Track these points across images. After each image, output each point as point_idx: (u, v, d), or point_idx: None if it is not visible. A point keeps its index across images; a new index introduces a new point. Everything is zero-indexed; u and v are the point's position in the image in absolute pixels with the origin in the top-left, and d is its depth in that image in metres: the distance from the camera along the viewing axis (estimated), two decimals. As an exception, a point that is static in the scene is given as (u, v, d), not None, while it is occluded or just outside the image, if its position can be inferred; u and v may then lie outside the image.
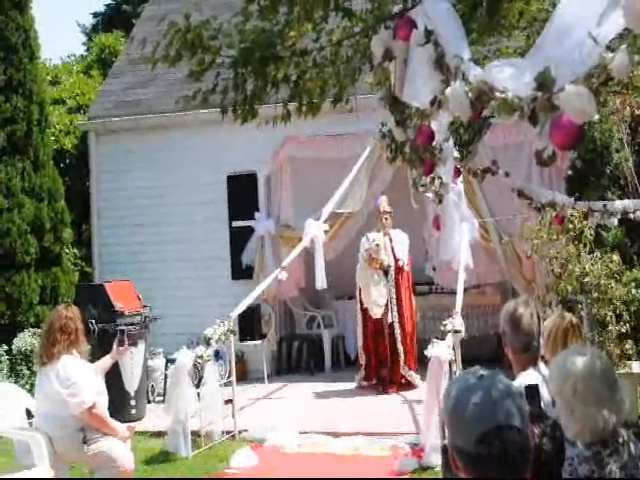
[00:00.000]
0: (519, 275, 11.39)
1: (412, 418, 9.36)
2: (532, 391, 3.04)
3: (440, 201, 6.46)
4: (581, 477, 3.06)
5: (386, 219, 11.19)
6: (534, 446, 2.35)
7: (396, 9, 3.61)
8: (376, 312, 10.86)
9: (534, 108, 2.28)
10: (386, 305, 10.91)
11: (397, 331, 10.95)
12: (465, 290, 9.86)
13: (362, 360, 11.21)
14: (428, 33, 3.15)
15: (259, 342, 12.40)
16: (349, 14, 4.01)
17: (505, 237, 11.27)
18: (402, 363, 10.89)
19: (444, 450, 2.38)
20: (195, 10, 4.77)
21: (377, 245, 10.80)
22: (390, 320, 10.93)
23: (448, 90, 2.73)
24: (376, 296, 10.86)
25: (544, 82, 2.22)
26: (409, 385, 10.87)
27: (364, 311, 11.06)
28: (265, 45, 3.90)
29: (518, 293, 10.91)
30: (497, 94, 2.45)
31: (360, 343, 11.23)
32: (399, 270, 11.09)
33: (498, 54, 5.75)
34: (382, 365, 11.03)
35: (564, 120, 2.14)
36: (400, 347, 10.90)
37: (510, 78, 2.42)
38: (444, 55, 3.00)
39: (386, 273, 11.02)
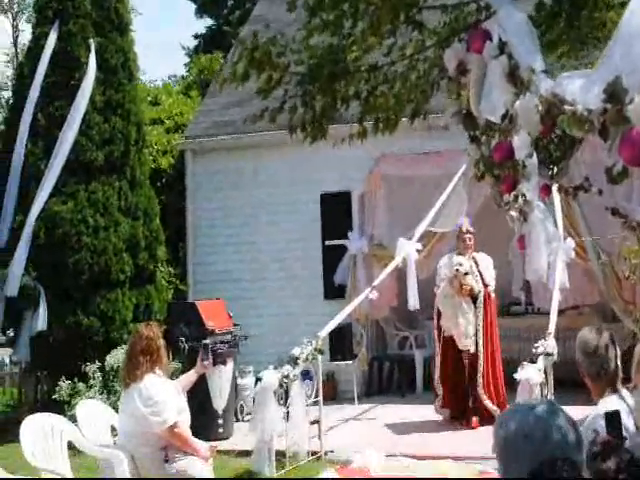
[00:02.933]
0: (618, 296, 10.99)
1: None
2: (613, 418, 2.84)
3: (525, 219, 6.23)
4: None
5: (469, 239, 10.33)
6: None
7: (471, 20, 3.47)
8: (466, 344, 9.97)
9: (604, 121, 2.12)
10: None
11: (481, 362, 10.00)
12: (562, 311, 9.57)
13: (439, 391, 10.31)
14: (502, 45, 3.01)
15: (350, 362, 12.28)
16: (420, 27, 3.88)
17: (603, 256, 10.90)
18: (484, 396, 9.94)
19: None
20: (288, 26, 4.70)
21: (457, 270, 9.93)
22: (474, 350, 9.99)
23: (517, 104, 2.59)
24: (465, 326, 9.96)
25: (614, 93, 2.06)
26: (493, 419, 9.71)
27: (444, 338, 10.16)
28: (333, 60, 3.80)
29: (617, 315, 10.55)
30: (566, 107, 2.30)
31: (437, 374, 10.33)
32: (488, 296, 10.21)
33: (571, 69, 5.54)
34: (460, 397, 10.12)
35: (634, 133, 1.98)
36: (480, 380, 9.94)
37: (580, 90, 2.27)
38: (518, 67, 2.86)
39: (474, 300, 10.09)
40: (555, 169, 6.05)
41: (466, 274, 9.97)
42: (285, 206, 13.49)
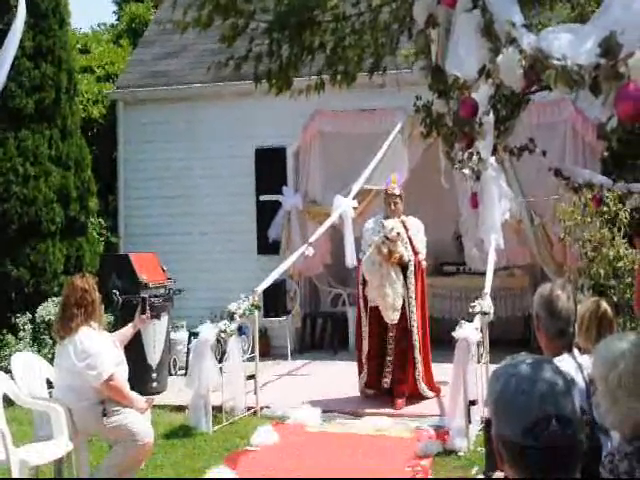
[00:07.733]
0: (549, 258, 11.16)
1: (437, 400, 9.21)
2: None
3: (478, 178, 6.25)
4: (621, 474, 2.90)
5: (395, 204, 9.28)
6: None
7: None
8: (393, 317, 8.98)
9: (596, 77, 2.10)
10: (402, 307, 9.02)
11: (416, 337, 9.09)
12: (494, 272, 9.64)
13: (364, 367, 9.31)
14: (475, -2, 2.96)
15: (283, 318, 12.29)
16: (392, -24, 3.81)
17: (537, 218, 11.04)
18: (420, 376, 9.15)
19: (487, 423, 2.30)
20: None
21: (398, 234, 8.94)
22: (406, 325, 9.05)
23: (499, 58, 2.55)
24: (393, 298, 8.94)
25: (609, 48, 2.04)
26: (420, 397, 9.22)
27: (370, 310, 9.19)
28: (302, 9, 3.70)
29: (548, 276, 10.71)
30: (554, 62, 2.27)
31: (361, 347, 9.31)
32: (418, 265, 9.22)
33: (540, 27, 5.53)
34: (386, 374, 9.19)
35: (631, 89, 1.96)
36: (418, 357, 9.12)
37: (569, 45, 2.24)
38: (493, 21, 2.81)
39: (404, 269, 9.11)
40: (501, 128, 6.09)
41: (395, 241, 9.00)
42: (219, 160, 13.34)
